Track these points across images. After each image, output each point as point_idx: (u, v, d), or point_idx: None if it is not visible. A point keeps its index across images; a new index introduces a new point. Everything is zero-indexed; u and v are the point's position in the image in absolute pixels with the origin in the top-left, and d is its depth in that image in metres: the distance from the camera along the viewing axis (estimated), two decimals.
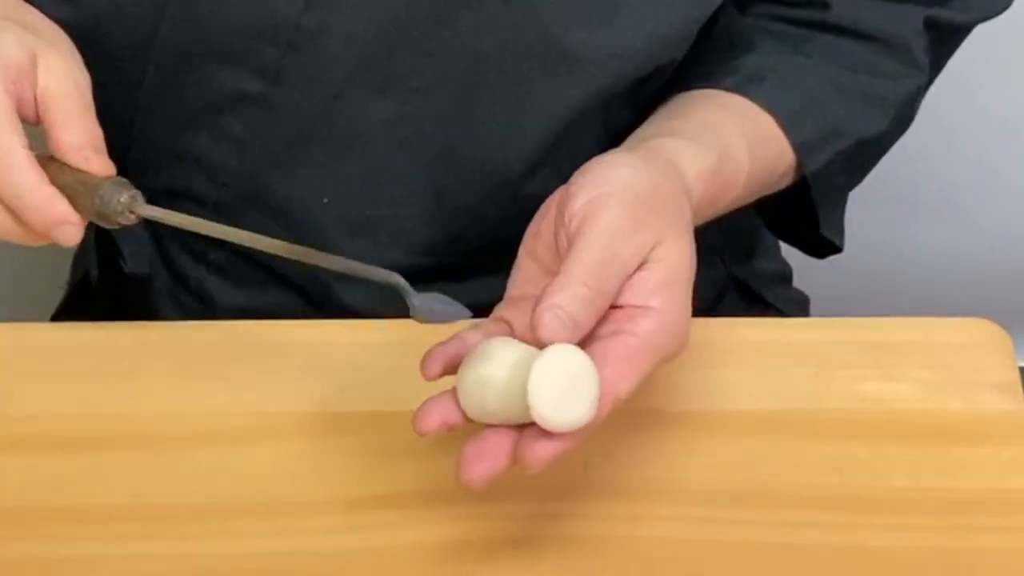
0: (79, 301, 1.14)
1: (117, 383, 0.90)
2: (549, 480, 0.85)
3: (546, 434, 0.75)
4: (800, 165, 0.98)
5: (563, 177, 0.88)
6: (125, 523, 0.84)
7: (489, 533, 0.83)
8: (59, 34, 0.88)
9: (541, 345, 0.75)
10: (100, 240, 1.09)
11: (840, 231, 1.05)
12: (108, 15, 0.92)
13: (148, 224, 1.00)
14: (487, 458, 0.76)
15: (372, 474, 0.86)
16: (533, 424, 0.75)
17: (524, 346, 0.77)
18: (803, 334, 0.93)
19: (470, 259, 1.00)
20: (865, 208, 1.16)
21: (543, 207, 0.84)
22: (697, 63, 0.97)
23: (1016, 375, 0.91)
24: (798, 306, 1.18)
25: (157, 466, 0.86)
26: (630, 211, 0.79)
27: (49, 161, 0.85)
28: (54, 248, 0.90)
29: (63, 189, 0.84)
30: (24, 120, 0.84)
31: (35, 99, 0.85)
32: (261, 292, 1.02)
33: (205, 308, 1.04)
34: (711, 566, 0.83)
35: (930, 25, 1.00)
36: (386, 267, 0.81)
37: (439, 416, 0.78)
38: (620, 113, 0.98)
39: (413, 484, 0.85)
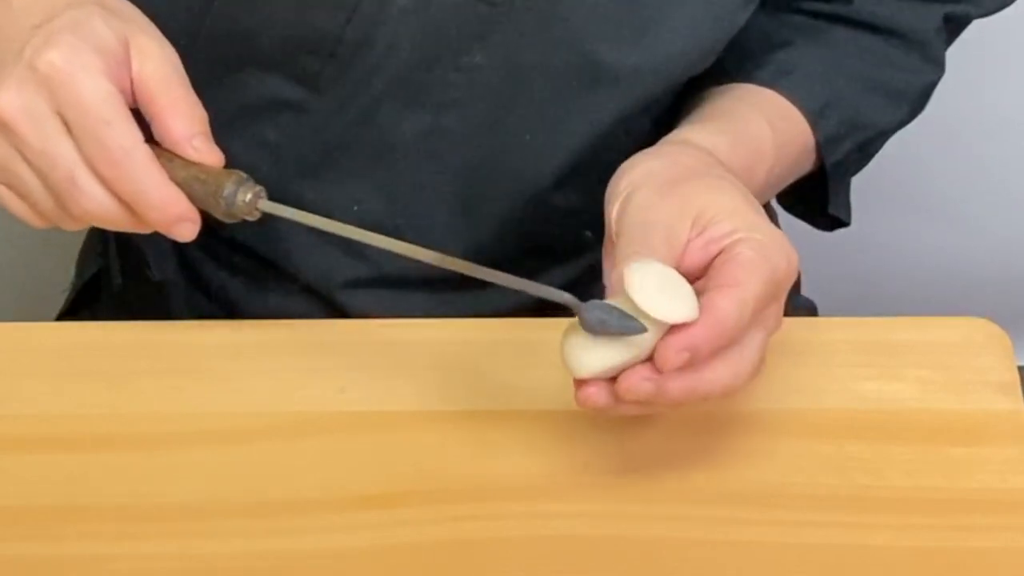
0: (84, 304, 1.14)
1: (117, 383, 0.90)
2: (549, 480, 0.85)
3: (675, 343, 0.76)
4: (820, 154, 1.01)
5: (589, 188, 0.89)
6: (125, 523, 0.84)
7: (489, 533, 0.83)
8: (138, 12, 0.86)
9: None
10: (121, 246, 1.09)
11: (847, 208, 1.07)
12: None
13: None
14: (602, 381, 0.78)
15: (372, 474, 0.86)
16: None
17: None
18: (803, 334, 0.93)
19: (496, 268, 1.01)
20: (866, 209, 1.16)
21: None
22: (726, 60, 0.98)
23: (1015, 375, 0.91)
24: (806, 313, 1.18)
25: (157, 466, 0.86)
26: (655, 189, 0.82)
27: (158, 152, 0.83)
28: (55, 249, 0.90)
29: (179, 185, 0.83)
30: None
31: (130, 83, 0.83)
32: (282, 296, 1.02)
33: (225, 313, 1.04)
34: (711, 566, 0.83)
35: (948, 20, 1.02)
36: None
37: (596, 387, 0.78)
38: (640, 122, 0.99)
39: (413, 484, 0.85)
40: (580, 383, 0.78)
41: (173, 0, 0.93)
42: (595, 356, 0.77)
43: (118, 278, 1.09)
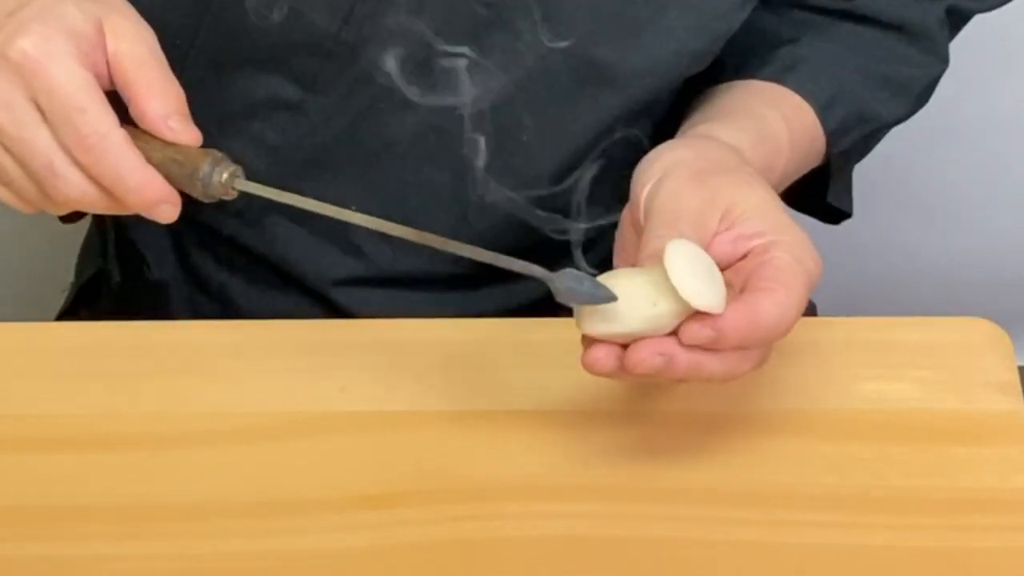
0: (84, 303, 1.14)
1: (117, 383, 0.90)
2: (549, 480, 0.85)
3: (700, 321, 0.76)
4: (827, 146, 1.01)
5: (586, 188, 0.90)
6: (125, 523, 0.84)
7: (489, 533, 0.83)
8: None
9: None
10: (120, 246, 1.09)
11: (849, 197, 1.08)
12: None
13: (169, 228, 1.00)
14: (611, 346, 0.77)
15: (372, 474, 0.86)
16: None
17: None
18: (803, 334, 0.93)
19: (492, 267, 1.01)
20: (867, 209, 1.16)
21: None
22: (729, 57, 0.98)
23: (1015, 375, 0.91)
24: (806, 313, 1.18)
25: (157, 466, 0.86)
26: (686, 177, 0.82)
27: (136, 133, 0.83)
28: (56, 248, 0.90)
29: (157, 167, 0.82)
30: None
31: (107, 65, 0.83)
32: (280, 295, 1.03)
33: (224, 312, 1.04)
34: (711, 566, 0.83)
35: (951, 14, 1.03)
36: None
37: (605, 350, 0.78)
38: (640, 122, 0.99)
39: (413, 484, 0.85)
40: (588, 344, 0.78)
41: (171, 0, 0.93)
42: (605, 320, 0.77)
43: (117, 278, 1.09)
